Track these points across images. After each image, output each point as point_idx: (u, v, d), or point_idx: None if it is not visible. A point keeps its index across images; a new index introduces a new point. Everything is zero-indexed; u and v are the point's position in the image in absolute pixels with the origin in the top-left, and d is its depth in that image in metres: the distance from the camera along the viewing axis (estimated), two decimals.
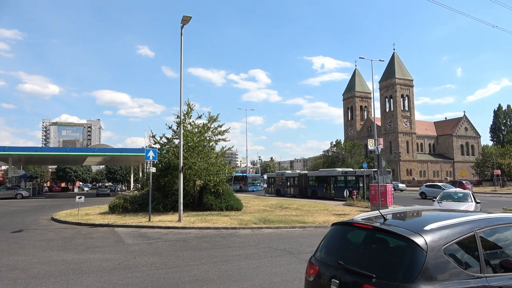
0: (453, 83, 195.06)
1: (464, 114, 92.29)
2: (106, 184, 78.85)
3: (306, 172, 43.30)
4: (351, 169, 38.35)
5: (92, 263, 8.56)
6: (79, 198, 19.12)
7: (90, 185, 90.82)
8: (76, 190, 76.29)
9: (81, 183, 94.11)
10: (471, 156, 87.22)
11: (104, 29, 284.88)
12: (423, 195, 36.85)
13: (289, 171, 46.88)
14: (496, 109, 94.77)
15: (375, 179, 27.40)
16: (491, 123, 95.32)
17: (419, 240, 3.02)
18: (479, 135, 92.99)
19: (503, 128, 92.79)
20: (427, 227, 3.20)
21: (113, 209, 19.72)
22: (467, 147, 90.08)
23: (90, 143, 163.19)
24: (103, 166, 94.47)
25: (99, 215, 18.88)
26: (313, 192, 36.84)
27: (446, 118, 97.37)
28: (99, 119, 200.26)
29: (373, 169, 31.30)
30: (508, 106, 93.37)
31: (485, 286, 3.00)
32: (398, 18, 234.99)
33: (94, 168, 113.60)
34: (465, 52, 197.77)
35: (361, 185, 30.74)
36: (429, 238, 3.06)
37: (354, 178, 32.58)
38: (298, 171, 46.53)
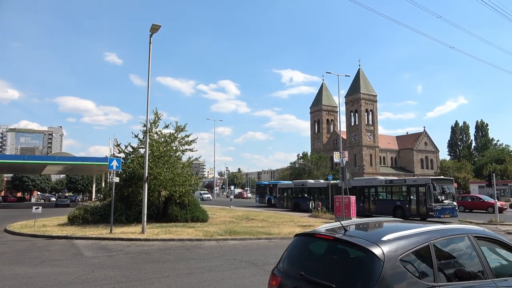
0: (414, 99, 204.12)
1: (424, 130, 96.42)
2: (66, 194, 75.39)
3: (336, 181, 33.30)
4: (400, 178, 30.68)
5: (47, 277, 8.15)
6: (36, 208, 18.21)
7: (49, 194, 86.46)
8: (33, 200, 72.29)
9: (39, 193, 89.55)
10: (430, 169, 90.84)
11: (70, 34, 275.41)
12: None
13: (312, 181, 37.71)
14: (453, 125, 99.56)
15: (435, 190, 22.28)
16: (449, 138, 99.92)
17: (376, 251, 3.09)
18: (438, 149, 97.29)
19: (459, 143, 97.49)
20: (385, 238, 3.28)
21: (72, 221, 18.91)
22: (427, 161, 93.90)
23: (51, 151, 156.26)
24: (64, 175, 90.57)
25: (57, 226, 18.07)
26: None
27: (407, 133, 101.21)
28: (61, 127, 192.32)
29: (432, 177, 25.96)
30: (464, 122, 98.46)
31: None
32: (364, 35, 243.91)
33: (54, 177, 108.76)
34: (425, 70, 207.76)
35: (412, 197, 23.99)
36: (386, 248, 3.13)
37: (405, 189, 25.32)
38: (322, 180, 36.87)
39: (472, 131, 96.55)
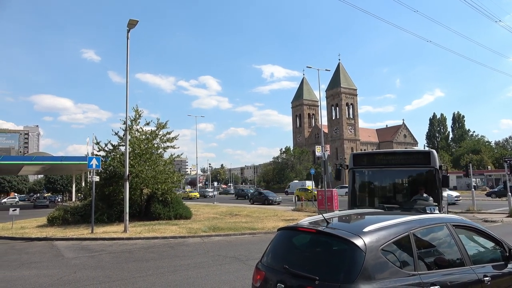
0: (392, 93, 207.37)
1: (403, 122, 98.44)
2: (45, 195, 73.50)
3: None
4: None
5: (27, 280, 7.95)
6: (13, 210, 17.75)
7: (25, 195, 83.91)
8: (4, 200, 69.25)
9: (16, 194, 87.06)
10: None
11: (45, 31, 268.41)
12: None
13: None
14: (431, 117, 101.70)
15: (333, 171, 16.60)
16: (427, 130, 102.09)
17: (358, 242, 3.14)
18: (417, 141, 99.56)
19: (437, 135, 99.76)
20: (366, 229, 3.33)
21: (52, 222, 18.49)
22: None
23: (28, 151, 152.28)
24: (42, 175, 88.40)
25: (36, 228, 17.63)
26: None
27: (387, 126, 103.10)
28: (37, 126, 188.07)
29: (356, 152, 15.59)
30: (442, 114, 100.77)
31: (419, 283, 3.17)
32: (344, 30, 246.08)
33: (32, 178, 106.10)
34: (403, 64, 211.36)
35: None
36: (367, 239, 3.18)
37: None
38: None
39: (449, 123, 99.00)
